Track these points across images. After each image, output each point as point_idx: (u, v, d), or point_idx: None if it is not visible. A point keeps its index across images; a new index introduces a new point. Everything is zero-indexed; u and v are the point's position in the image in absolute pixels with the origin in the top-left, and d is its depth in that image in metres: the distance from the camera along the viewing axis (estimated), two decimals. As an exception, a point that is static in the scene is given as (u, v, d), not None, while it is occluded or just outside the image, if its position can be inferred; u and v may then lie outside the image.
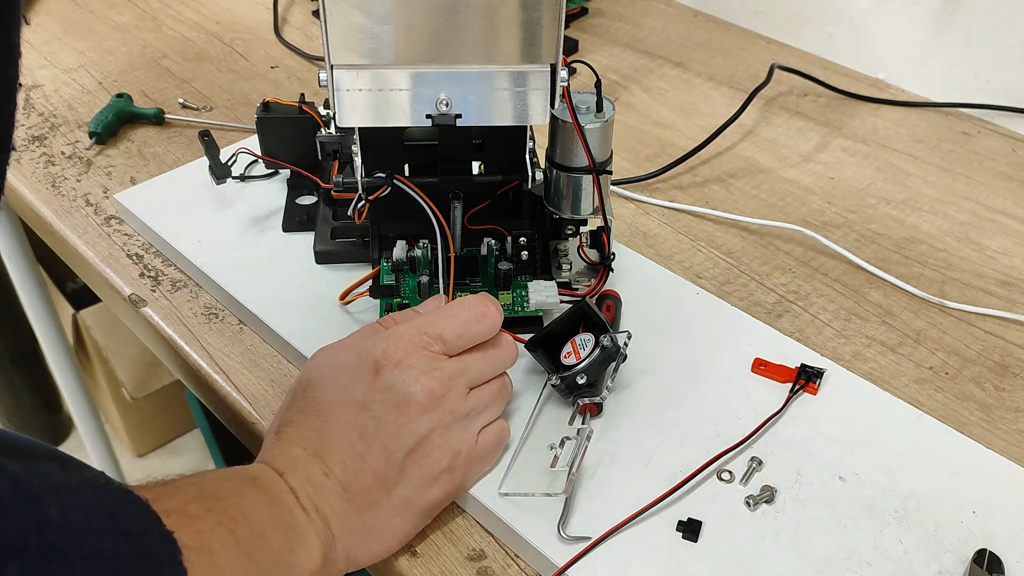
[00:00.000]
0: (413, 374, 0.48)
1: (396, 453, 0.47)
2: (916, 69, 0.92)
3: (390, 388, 0.48)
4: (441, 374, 0.48)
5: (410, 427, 0.47)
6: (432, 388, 0.48)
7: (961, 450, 0.54)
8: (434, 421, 0.48)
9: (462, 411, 0.49)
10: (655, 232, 0.73)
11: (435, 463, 0.48)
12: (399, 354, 0.48)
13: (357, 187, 0.59)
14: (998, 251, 0.72)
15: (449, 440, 0.48)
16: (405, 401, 0.47)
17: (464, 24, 0.50)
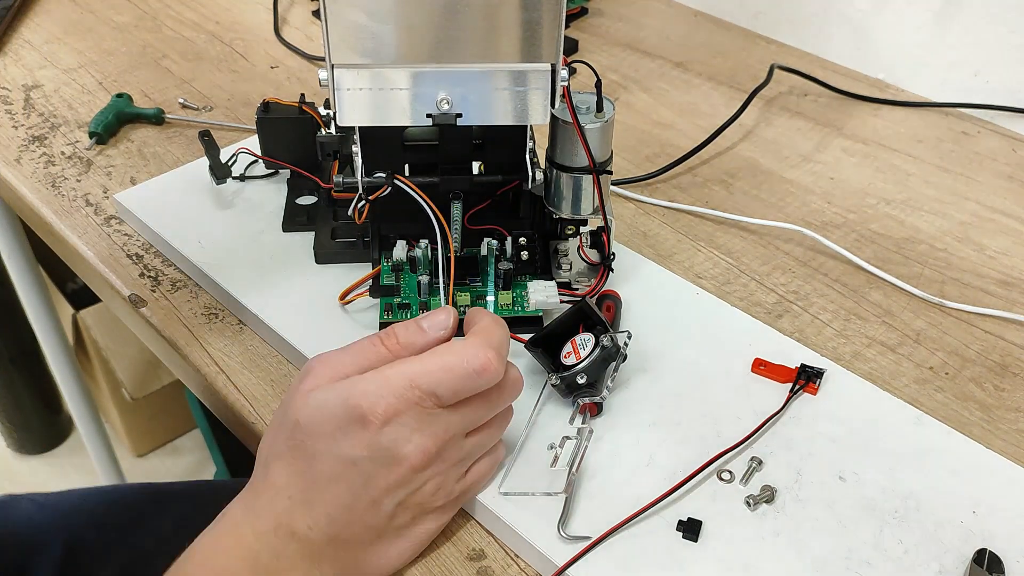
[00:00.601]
0: (405, 433, 0.44)
1: (386, 506, 0.46)
2: (916, 69, 0.92)
3: (379, 446, 0.44)
4: (436, 430, 0.45)
5: (402, 483, 0.46)
6: (426, 447, 0.45)
7: (961, 450, 0.54)
8: (427, 473, 0.46)
9: (457, 458, 0.47)
10: (655, 232, 0.73)
11: (428, 504, 0.47)
12: (389, 411, 0.44)
13: (357, 187, 0.59)
14: (998, 251, 0.72)
15: (443, 484, 0.47)
16: (396, 461, 0.45)
17: (465, 23, 0.50)
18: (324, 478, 0.45)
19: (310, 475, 0.45)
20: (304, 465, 0.45)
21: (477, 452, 0.49)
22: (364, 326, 0.60)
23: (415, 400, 0.44)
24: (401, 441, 0.44)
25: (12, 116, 0.85)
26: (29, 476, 1.66)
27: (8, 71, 0.92)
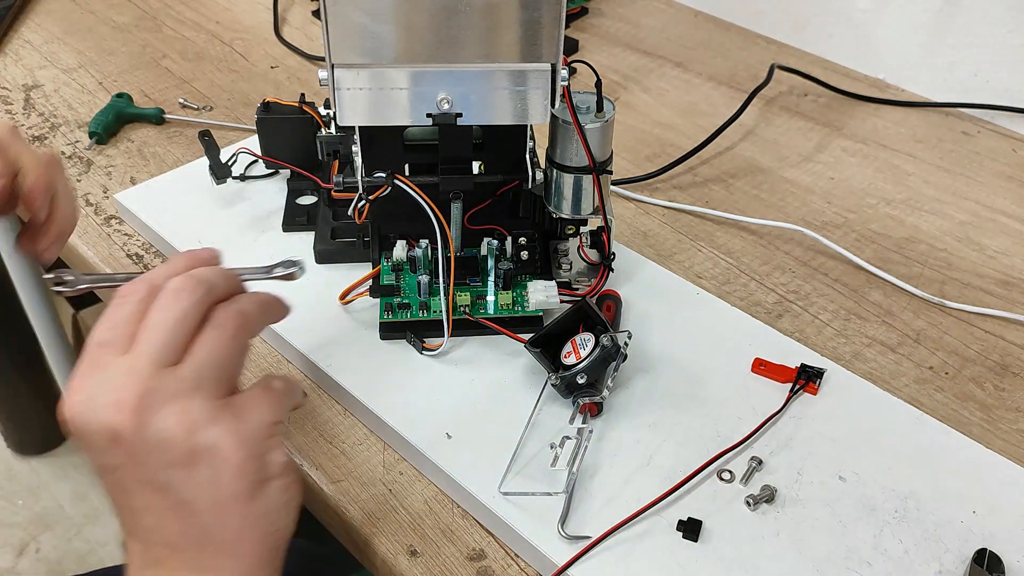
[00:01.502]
0: (92, 404, 0.40)
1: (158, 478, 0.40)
2: (916, 69, 0.92)
3: (88, 436, 0.40)
4: (118, 379, 0.40)
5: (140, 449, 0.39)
6: (117, 400, 0.39)
7: (961, 450, 0.54)
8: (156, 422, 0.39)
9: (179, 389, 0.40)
10: (655, 232, 0.73)
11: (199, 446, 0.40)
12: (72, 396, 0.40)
13: (357, 187, 0.59)
14: (998, 251, 0.72)
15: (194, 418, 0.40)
16: (109, 435, 0.39)
17: (465, 23, 0.50)
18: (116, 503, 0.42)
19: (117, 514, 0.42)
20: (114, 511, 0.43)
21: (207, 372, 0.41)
22: (364, 326, 0.60)
23: (90, 363, 0.41)
24: (92, 414, 0.40)
25: (12, 116, 0.85)
26: (29, 476, 1.66)
27: (8, 71, 0.92)
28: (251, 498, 0.41)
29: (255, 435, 0.41)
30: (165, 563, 0.41)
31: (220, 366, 0.41)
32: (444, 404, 0.55)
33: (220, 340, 0.42)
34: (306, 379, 0.59)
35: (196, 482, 0.40)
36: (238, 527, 0.41)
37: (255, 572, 0.42)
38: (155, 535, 0.41)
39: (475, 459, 0.52)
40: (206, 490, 0.40)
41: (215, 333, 0.42)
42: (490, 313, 0.59)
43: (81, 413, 0.40)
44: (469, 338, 0.60)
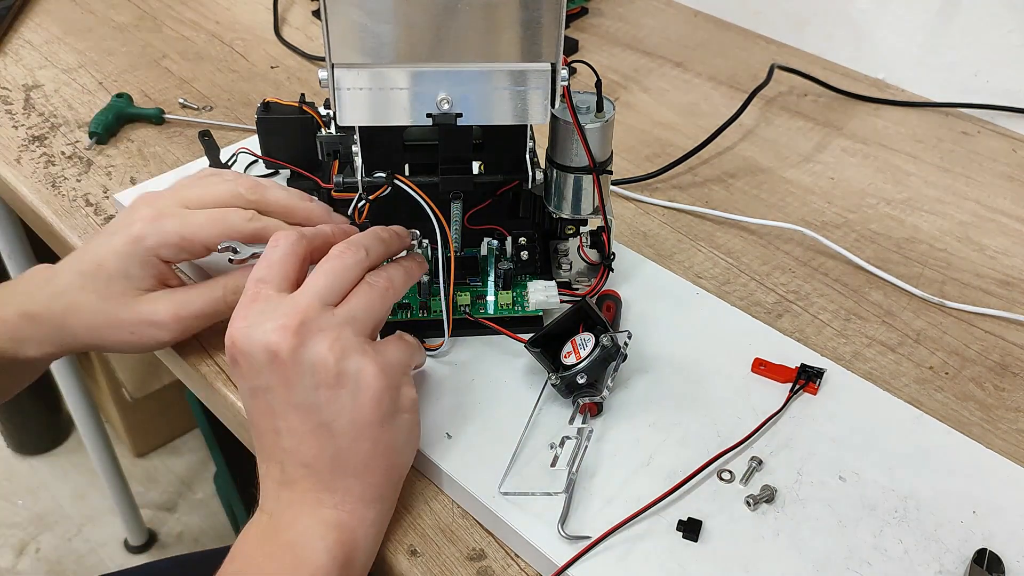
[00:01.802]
0: (257, 328, 0.46)
1: (306, 399, 0.46)
2: (916, 69, 0.92)
3: (248, 356, 0.46)
4: (284, 307, 0.46)
5: (294, 369, 0.45)
6: (282, 324, 0.45)
7: (961, 450, 0.54)
8: (311, 345, 0.45)
9: (334, 323, 0.46)
10: (655, 232, 0.73)
11: (347, 370, 0.46)
12: (237, 324, 0.47)
13: (357, 187, 0.58)
14: (998, 251, 0.72)
15: (345, 346, 0.46)
16: (269, 354, 0.45)
17: (465, 23, 0.50)
18: (260, 426, 0.48)
19: (256, 434, 0.48)
20: (253, 432, 0.49)
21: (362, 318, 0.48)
22: (364, 326, 0.60)
23: (249, 300, 0.47)
24: (257, 335, 0.46)
25: (12, 116, 0.85)
26: (29, 476, 1.66)
27: (8, 71, 0.92)
28: (383, 425, 0.47)
29: (394, 369, 0.48)
30: (299, 483, 0.47)
31: (369, 314, 0.49)
32: (444, 404, 0.55)
33: (372, 295, 0.49)
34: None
35: (339, 405, 0.46)
36: (369, 452, 0.47)
37: (377, 497, 0.48)
38: (293, 456, 0.46)
39: (475, 459, 0.52)
40: (346, 413, 0.46)
41: (368, 289, 0.49)
42: (490, 313, 0.59)
43: (245, 336, 0.46)
44: (469, 338, 0.60)
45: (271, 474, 0.48)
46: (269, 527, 0.47)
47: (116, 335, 0.56)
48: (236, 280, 0.57)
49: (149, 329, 0.56)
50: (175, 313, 0.56)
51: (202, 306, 0.57)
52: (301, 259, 0.50)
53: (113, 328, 0.56)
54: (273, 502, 0.47)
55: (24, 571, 1.52)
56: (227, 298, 0.57)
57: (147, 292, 0.56)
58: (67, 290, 0.56)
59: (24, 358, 0.58)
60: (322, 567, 0.45)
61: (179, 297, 0.56)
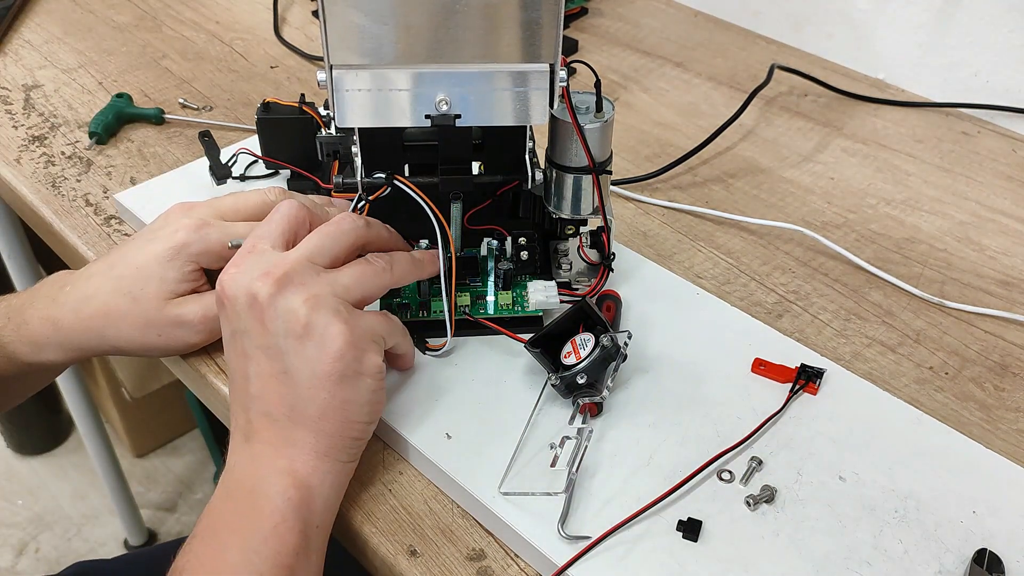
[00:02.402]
0: (244, 274, 0.49)
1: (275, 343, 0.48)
2: (916, 69, 0.92)
3: (233, 299, 0.49)
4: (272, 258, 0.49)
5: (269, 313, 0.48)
6: (266, 271, 0.48)
7: (961, 450, 0.54)
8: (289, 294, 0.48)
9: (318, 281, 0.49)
10: (655, 232, 0.73)
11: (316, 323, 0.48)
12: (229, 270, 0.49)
13: (357, 187, 0.59)
14: (998, 251, 0.72)
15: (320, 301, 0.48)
16: (249, 296, 0.48)
17: (463, 24, 0.50)
18: (234, 371, 0.50)
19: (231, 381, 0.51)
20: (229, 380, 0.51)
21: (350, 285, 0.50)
22: (364, 326, 0.60)
23: (247, 251, 0.50)
24: (243, 279, 0.49)
25: (12, 116, 0.85)
26: (29, 476, 1.66)
27: (8, 71, 0.92)
28: (341, 382, 0.48)
29: (363, 333, 0.49)
30: (260, 433, 0.49)
31: (357, 285, 0.50)
32: (444, 404, 0.55)
33: (365, 271, 0.51)
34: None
35: (303, 355, 0.48)
36: (324, 404, 0.48)
37: (330, 450, 0.49)
38: (257, 402, 0.49)
39: (475, 459, 0.52)
40: (308, 363, 0.48)
41: (364, 265, 0.52)
42: (490, 313, 0.59)
43: (233, 279, 0.49)
44: (469, 338, 0.60)
45: (238, 424, 0.50)
46: (232, 481, 0.49)
47: (144, 337, 0.57)
48: None
49: (177, 330, 0.57)
50: (203, 314, 0.57)
51: None
52: (300, 223, 0.52)
53: (142, 330, 0.57)
54: (237, 457, 0.50)
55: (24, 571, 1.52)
56: None
57: (178, 297, 0.57)
58: (97, 293, 0.57)
59: (43, 362, 0.59)
60: (278, 509, 0.47)
61: (207, 300, 0.58)
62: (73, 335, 0.57)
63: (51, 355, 0.58)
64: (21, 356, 0.58)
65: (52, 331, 0.57)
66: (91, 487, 1.63)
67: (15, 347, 0.58)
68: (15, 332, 0.58)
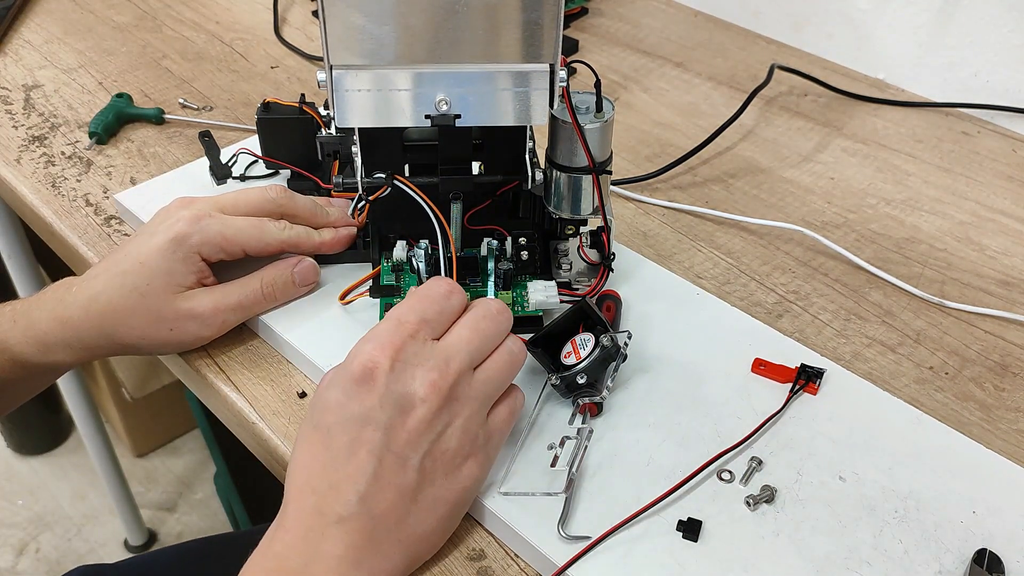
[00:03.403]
0: (409, 370, 0.45)
1: (413, 459, 0.45)
2: (916, 69, 0.92)
3: (387, 391, 0.45)
4: (439, 363, 0.46)
5: (421, 428, 0.45)
6: (433, 380, 0.45)
7: (961, 450, 0.54)
8: (446, 414, 0.46)
9: (472, 395, 0.47)
10: (655, 232, 0.73)
11: (456, 455, 0.47)
12: (388, 351, 0.45)
13: (357, 187, 0.59)
14: (998, 251, 0.72)
15: (467, 427, 0.47)
16: (409, 402, 0.45)
17: (463, 24, 0.50)
18: (343, 451, 0.45)
19: (329, 454, 0.45)
20: (322, 447, 0.45)
21: (494, 391, 0.49)
22: (364, 326, 0.60)
23: (408, 333, 0.46)
24: (407, 379, 0.45)
25: (12, 116, 0.85)
26: (29, 476, 1.66)
27: (8, 71, 0.92)
28: (455, 513, 0.48)
29: (488, 465, 0.49)
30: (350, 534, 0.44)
31: (500, 386, 0.49)
32: (444, 404, 0.55)
33: (506, 364, 0.50)
34: (305, 379, 0.59)
35: (433, 479, 0.46)
36: (431, 530, 0.47)
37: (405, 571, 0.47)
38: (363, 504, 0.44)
39: (475, 459, 0.52)
40: (435, 489, 0.46)
41: (507, 358, 0.50)
42: (490, 313, 0.59)
43: (398, 371, 0.45)
44: (469, 338, 0.60)
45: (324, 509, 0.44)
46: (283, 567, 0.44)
47: (156, 332, 0.57)
48: (272, 273, 0.59)
49: (189, 324, 0.57)
50: (214, 306, 0.57)
51: (240, 298, 0.58)
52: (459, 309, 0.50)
53: (153, 325, 0.57)
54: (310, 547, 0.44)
55: (24, 571, 1.52)
56: (264, 291, 0.59)
57: (187, 290, 0.57)
58: (105, 291, 0.56)
59: (51, 363, 0.59)
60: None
61: (218, 292, 0.58)
62: (82, 334, 0.57)
63: (60, 356, 0.58)
64: (29, 358, 0.58)
65: (61, 331, 0.57)
66: (91, 487, 1.63)
67: (22, 348, 0.58)
68: (22, 334, 0.58)
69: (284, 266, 0.60)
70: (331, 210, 0.62)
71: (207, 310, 0.57)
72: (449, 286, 0.50)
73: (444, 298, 0.49)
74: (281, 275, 0.59)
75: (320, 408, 0.46)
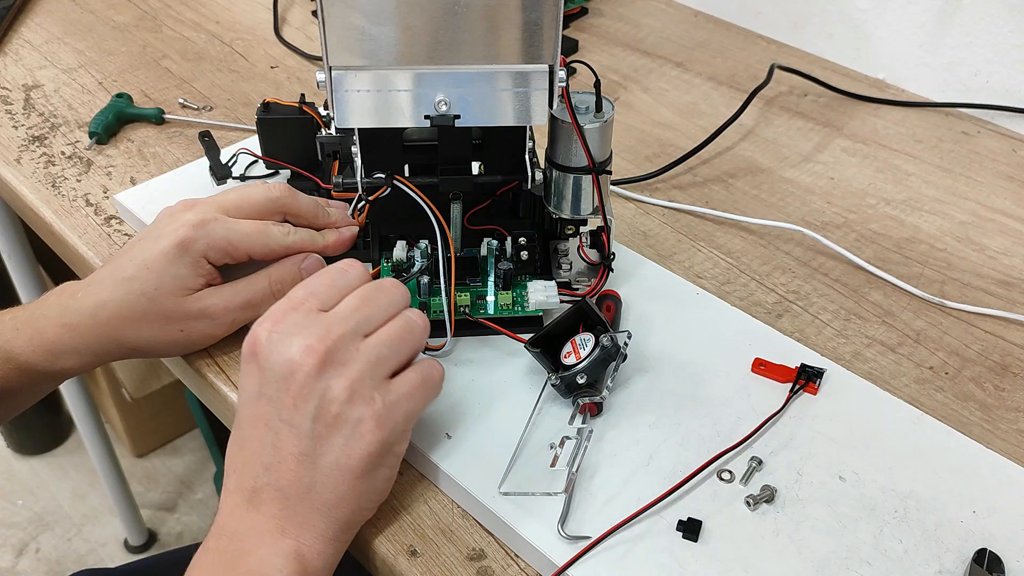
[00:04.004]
0: (286, 339, 0.46)
1: (303, 425, 0.46)
2: (916, 69, 0.92)
3: (269, 362, 0.46)
4: (318, 329, 0.46)
5: (304, 393, 0.46)
6: (310, 344, 0.46)
7: (961, 450, 0.54)
8: (328, 377, 0.46)
9: (358, 358, 0.47)
10: (655, 232, 0.73)
11: (347, 417, 0.46)
12: (267, 324, 0.47)
13: (357, 187, 0.59)
14: (998, 251, 0.72)
15: (357, 390, 0.46)
16: (288, 369, 0.46)
17: (463, 25, 0.50)
18: (248, 429, 0.47)
19: (240, 435, 0.48)
20: (236, 431, 0.48)
21: (387, 356, 0.48)
22: (364, 326, 0.60)
23: (292, 306, 0.48)
24: (284, 346, 0.46)
25: (12, 116, 0.85)
26: (29, 476, 1.66)
27: (8, 71, 0.92)
28: (363, 475, 0.47)
29: (396, 426, 0.48)
30: (267, 506, 0.46)
31: (394, 355, 0.48)
32: (444, 404, 0.55)
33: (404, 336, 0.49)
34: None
35: (329, 443, 0.46)
36: (342, 494, 0.47)
37: (337, 535, 0.47)
38: (271, 475, 0.46)
39: (475, 459, 0.52)
40: (334, 452, 0.46)
41: (404, 324, 0.49)
42: (490, 313, 0.59)
43: (271, 342, 0.46)
44: (469, 338, 0.60)
45: (240, 486, 0.47)
46: (228, 553, 0.46)
47: (166, 335, 0.57)
48: (281, 271, 0.59)
49: (199, 323, 0.57)
50: (224, 305, 0.57)
51: (249, 296, 0.58)
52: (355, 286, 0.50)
53: (163, 328, 0.57)
54: (236, 522, 0.47)
55: (24, 571, 1.52)
56: (272, 288, 0.59)
57: (194, 292, 0.57)
58: (113, 297, 0.56)
59: (60, 370, 0.59)
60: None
61: (227, 290, 0.58)
62: (91, 340, 0.57)
63: (68, 363, 0.58)
64: (36, 366, 0.58)
65: (69, 338, 0.57)
66: (91, 487, 1.63)
67: (28, 357, 0.58)
68: (28, 343, 0.58)
69: (291, 263, 0.60)
70: (331, 211, 0.62)
71: (217, 309, 0.57)
72: (348, 262, 0.51)
73: (339, 272, 0.50)
74: (289, 272, 0.59)
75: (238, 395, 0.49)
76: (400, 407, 0.48)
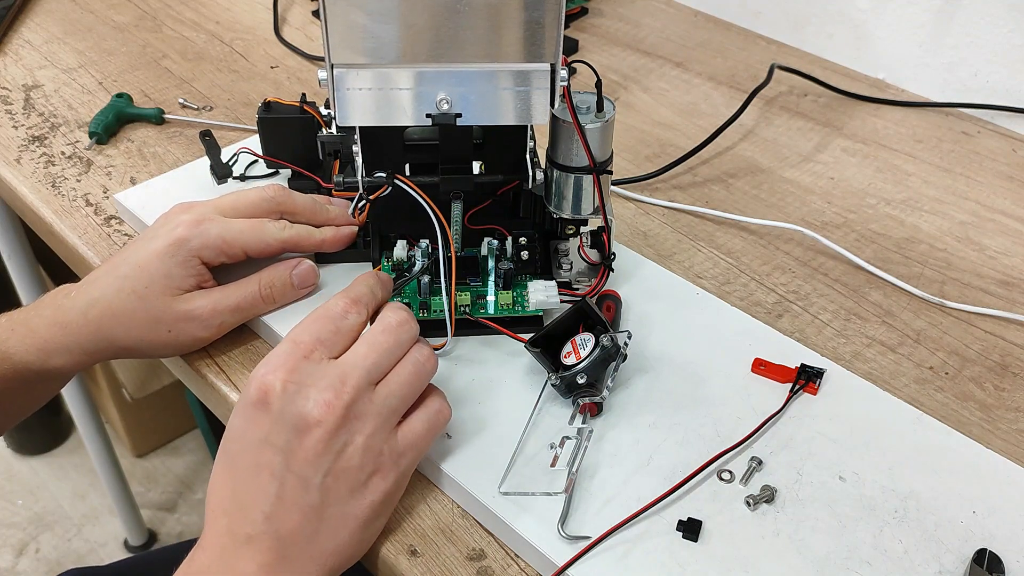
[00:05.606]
0: (302, 392, 0.45)
1: (314, 479, 0.45)
2: (916, 69, 0.92)
3: (283, 413, 0.45)
4: (332, 381, 0.46)
5: (319, 449, 0.45)
6: (328, 400, 0.45)
7: (961, 450, 0.54)
8: (345, 433, 0.46)
9: (373, 411, 0.47)
10: (655, 232, 0.73)
11: (360, 472, 0.46)
12: (280, 373, 0.46)
13: (358, 187, 0.59)
14: (998, 251, 0.72)
15: (369, 445, 0.47)
16: (304, 424, 0.45)
17: (465, 23, 0.50)
18: (248, 473, 0.46)
19: (236, 478, 0.46)
20: (230, 471, 0.46)
21: (399, 404, 0.48)
22: (364, 326, 0.60)
23: (303, 354, 0.46)
24: (300, 400, 0.45)
25: (12, 116, 0.85)
26: (29, 476, 1.66)
27: (8, 71, 0.92)
28: (367, 525, 0.48)
29: (400, 477, 0.49)
30: (259, 553, 0.45)
31: (406, 399, 0.49)
32: (444, 404, 0.55)
33: (412, 381, 0.49)
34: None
35: (338, 495, 0.46)
36: (342, 543, 0.47)
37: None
38: (269, 524, 0.45)
39: (475, 459, 0.52)
40: (340, 505, 0.46)
41: (412, 369, 0.49)
42: (490, 313, 0.59)
43: (291, 393, 0.45)
44: (469, 338, 0.60)
45: (233, 531, 0.45)
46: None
47: (154, 335, 0.57)
48: (270, 275, 0.59)
49: (188, 325, 0.57)
50: (212, 307, 0.57)
51: (238, 300, 0.58)
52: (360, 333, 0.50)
53: (151, 327, 0.57)
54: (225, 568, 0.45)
55: (24, 571, 1.52)
56: (262, 292, 0.59)
57: (185, 293, 0.57)
58: (103, 295, 0.56)
59: (52, 368, 0.59)
60: None
61: (216, 293, 0.58)
62: (81, 338, 0.57)
63: (59, 361, 0.58)
64: (29, 365, 0.58)
65: (61, 336, 0.57)
66: (91, 487, 1.63)
67: (22, 356, 0.58)
68: (20, 342, 0.58)
69: (283, 268, 0.60)
70: (331, 208, 0.62)
71: (205, 312, 0.57)
72: (346, 305, 0.49)
73: (340, 317, 0.49)
74: (279, 277, 0.59)
75: (227, 435, 0.47)
76: (406, 457, 0.49)
